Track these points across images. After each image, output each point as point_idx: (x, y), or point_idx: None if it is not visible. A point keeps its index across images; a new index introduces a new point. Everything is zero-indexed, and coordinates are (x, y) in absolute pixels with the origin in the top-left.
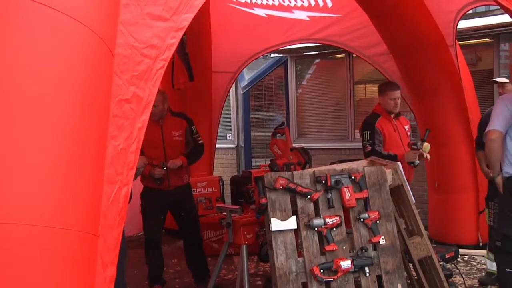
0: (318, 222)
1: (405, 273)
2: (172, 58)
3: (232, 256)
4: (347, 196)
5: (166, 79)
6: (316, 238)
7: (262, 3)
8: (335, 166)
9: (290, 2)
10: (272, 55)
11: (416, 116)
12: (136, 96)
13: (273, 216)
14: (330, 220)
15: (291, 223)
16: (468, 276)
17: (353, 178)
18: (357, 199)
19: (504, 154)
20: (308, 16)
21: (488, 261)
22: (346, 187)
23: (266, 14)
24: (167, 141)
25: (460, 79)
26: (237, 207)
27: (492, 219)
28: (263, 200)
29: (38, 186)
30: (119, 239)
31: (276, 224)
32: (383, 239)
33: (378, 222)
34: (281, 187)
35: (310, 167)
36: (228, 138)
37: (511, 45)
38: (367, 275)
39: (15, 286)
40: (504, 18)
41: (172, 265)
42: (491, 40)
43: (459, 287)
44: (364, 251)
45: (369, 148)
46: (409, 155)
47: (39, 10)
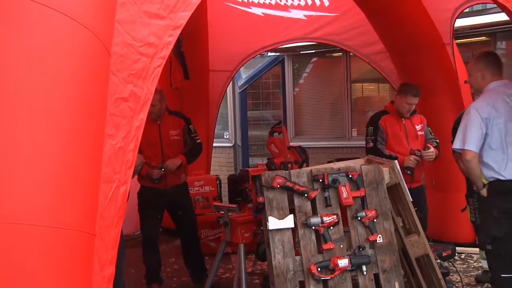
0: (315, 220)
1: (402, 271)
2: (169, 57)
3: (230, 255)
4: (344, 195)
5: (164, 78)
6: (314, 237)
7: (259, 2)
8: (332, 165)
9: (287, 1)
10: (269, 54)
11: None
12: (133, 94)
13: (270, 215)
14: (327, 219)
15: (289, 221)
16: (465, 274)
17: (350, 176)
18: (354, 198)
19: (481, 161)
20: (305, 15)
21: (482, 260)
22: (343, 186)
23: (263, 13)
24: (165, 140)
25: (457, 78)
26: (234, 206)
27: (473, 215)
28: (261, 199)
29: (34, 185)
30: (117, 238)
31: (273, 222)
32: (380, 237)
33: (375, 220)
34: (278, 186)
35: (307, 165)
36: (225, 137)
37: (508, 43)
38: (365, 273)
39: (13, 285)
40: (501, 17)
41: (169, 264)
42: (488, 39)
43: (456, 285)
44: (361, 249)
45: (371, 144)
46: (407, 160)
47: (36, 9)
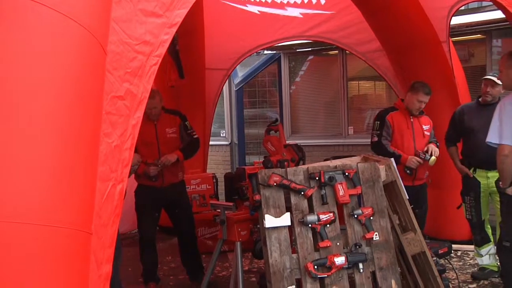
0: (312, 218)
1: (398, 269)
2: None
3: (226, 253)
4: (341, 193)
5: (159, 77)
6: (310, 235)
7: (255, 0)
8: (328, 163)
9: None
10: (265, 52)
11: None
12: (129, 92)
13: (267, 213)
14: (324, 217)
15: (285, 219)
16: (461, 271)
17: (346, 174)
18: (350, 196)
19: None
20: (301, 13)
21: (478, 257)
22: (339, 184)
23: (259, 11)
24: (161, 138)
25: (453, 75)
26: (231, 204)
27: (469, 213)
28: (257, 197)
29: (31, 184)
30: (114, 237)
31: (270, 220)
32: (376, 235)
33: (371, 218)
34: (274, 184)
35: (304, 163)
36: (221, 135)
37: (503, 41)
38: (361, 271)
39: (10, 284)
40: (497, 14)
41: (166, 262)
42: (483, 36)
43: (453, 282)
44: (358, 247)
45: (375, 138)
46: (409, 160)
47: (32, 8)
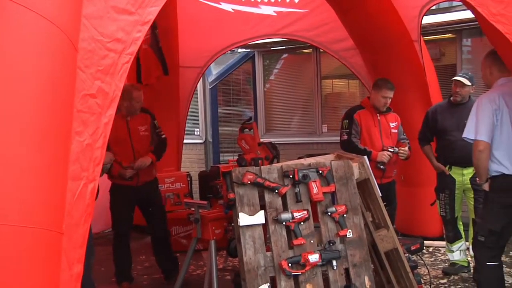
0: (286, 216)
1: (371, 265)
2: (137, 53)
3: (201, 252)
4: (315, 190)
5: (131, 75)
6: (284, 233)
7: None
8: (302, 161)
9: None
10: (240, 50)
11: None
12: (101, 90)
13: (241, 211)
14: (298, 214)
15: (259, 217)
16: (432, 267)
17: (320, 172)
18: (324, 193)
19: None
20: (275, 11)
21: (449, 253)
22: (313, 181)
23: (233, 9)
24: (134, 136)
25: (425, 74)
26: (205, 202)
27: (443, 210)
28: (231, 195)
29: (0, 184)
30: (85, 237)
31: (244, 219)
32: (350, 232)
33: (345, 215)
34: (249, 182)
35: (278, 161)
36: (196, 133)
37: (473, 40)
38: (335, 268)
39: None
40: (466, 14)
41: (140, 261)
42: (454, 36)
43: (424, 278)
44: (331, 244)
45: (345, 137)
46: (380, 155)
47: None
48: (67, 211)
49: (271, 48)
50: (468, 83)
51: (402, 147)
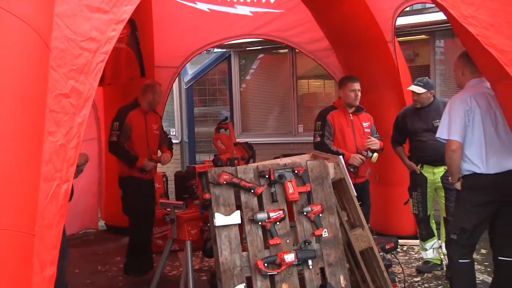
0: (262, 216)
1: (347, 264)
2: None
3: (177, 252)
4: (290, 190)
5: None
6: (260, 232)
7: None
8: (278, 161)
9: None
10: (216, 50)
11: None
12: (75, 90)
13: (217, 211)
14: (273, 214)
15: (235, 218)
16: (406, 265)
17: (296, 172)
18: (300, 193)
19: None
20: (251, 12)
21: (422, 251)
22: (289, 181)
23: (208, 9)
24: (149, 133)
25: (399, 74)
26: (181, 202)
27: (416, 209)
28: (207, 196)
29: None
30: (59, 238)
31: (220, 219)
32: (325, 231)
33: (321, 215)
34: (224, 182)
35: (254, 161)
36: (171, 133)
37: (445, 41)
38: (311, 267)
39: None
40: (439, 16)
41: (115, 262)
42: (427, 37)
43: (398, 276)
44: (307, 244)
45: (318, 138)
46: (352, 158)
47: None
48: (39, 212)
49: (247, 48)
50: (422, 91)
51: (373, 147)
